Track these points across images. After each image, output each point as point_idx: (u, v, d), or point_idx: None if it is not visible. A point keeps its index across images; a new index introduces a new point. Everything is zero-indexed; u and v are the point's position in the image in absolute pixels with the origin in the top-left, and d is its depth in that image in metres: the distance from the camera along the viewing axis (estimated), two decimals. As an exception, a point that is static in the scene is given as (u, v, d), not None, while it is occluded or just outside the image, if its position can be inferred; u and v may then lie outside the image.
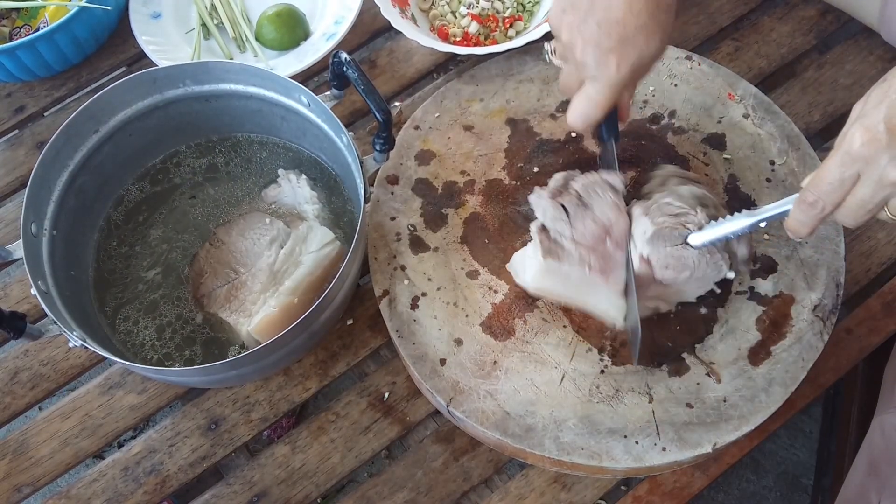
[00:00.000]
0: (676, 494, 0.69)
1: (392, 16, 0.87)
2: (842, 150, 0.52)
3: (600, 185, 0.67)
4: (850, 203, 0.54)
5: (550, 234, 0.66)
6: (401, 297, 0.72)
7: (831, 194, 0.54)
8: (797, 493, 1.32)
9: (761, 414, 0.65)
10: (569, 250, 0.65)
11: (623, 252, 0.65)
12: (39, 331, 0.64)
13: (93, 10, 0.91)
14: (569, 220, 0.66)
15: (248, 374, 0.70)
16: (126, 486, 0.72)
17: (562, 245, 0.65)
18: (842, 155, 0.52)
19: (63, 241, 0.71)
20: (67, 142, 0.71)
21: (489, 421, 0.66)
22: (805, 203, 0.55)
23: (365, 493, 0.70)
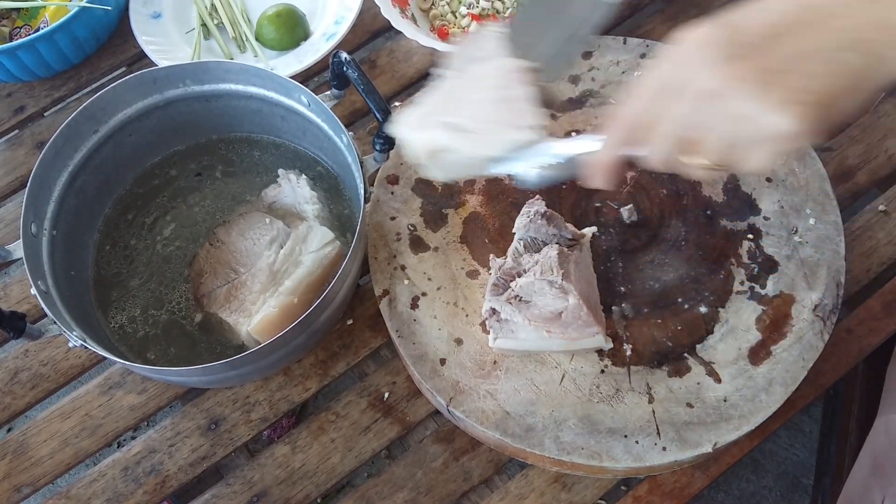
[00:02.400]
0: (676, 494, 0.69)
1: (392, 16, 0.87)
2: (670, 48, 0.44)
3: (538, 284, 0.64)
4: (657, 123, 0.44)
5: (501, 316, 0.66)
6: (401, 296, 0.72)
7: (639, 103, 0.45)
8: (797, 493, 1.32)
9: (761, 414, 0.65)
10: (522, 324, 0.65)
11: (584, 319, 0.64)
12: (39, 331, 0.64)
13: (93, 10, 0.91)
14: (517, 309, 0.65)
15: (248, 374, 0.70)
16: (126, 486, 0.72)
17: (514, 321, 0.65)
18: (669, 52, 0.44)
19: (63, 241, 0.71)
20: (67, 142, 0.71)
21: (489, 421, 0.66)
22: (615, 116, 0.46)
23: (365, 492, 0.70)
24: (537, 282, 0.64)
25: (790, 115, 0.39)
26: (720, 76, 0.41)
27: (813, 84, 0.40)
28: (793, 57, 0.40)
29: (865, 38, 0.39)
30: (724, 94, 0.41)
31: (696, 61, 0.42)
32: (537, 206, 0.68)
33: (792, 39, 0.40)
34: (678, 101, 0.42)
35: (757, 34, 0.40)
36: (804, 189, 0.75)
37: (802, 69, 0.40)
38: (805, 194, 0.74)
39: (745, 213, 0.74)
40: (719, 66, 0.41)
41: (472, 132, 0.55)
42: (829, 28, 0.40)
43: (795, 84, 0.40)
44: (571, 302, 0.63)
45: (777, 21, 0.40)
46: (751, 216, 0.74)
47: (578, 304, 0.63)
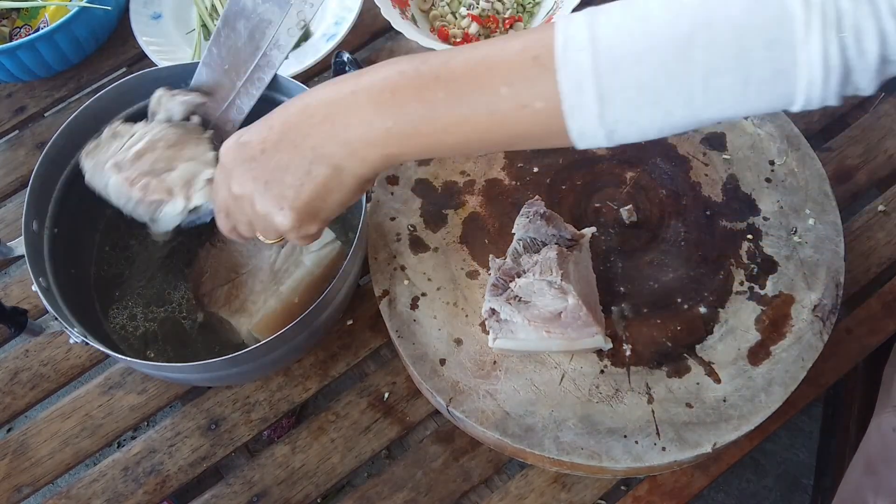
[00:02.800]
0: (676, 494, 0.69)
1: (392, 16, 0.87)
2: None
3: (537, 284, 0.64)
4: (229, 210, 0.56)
5: (501, 316, 0.66)
6: (401, 297, 0.72)
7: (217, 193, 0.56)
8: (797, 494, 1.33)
9: (761, 414, 0.65)
10: (521, 325, 0.66)
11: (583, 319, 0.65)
12: (40, 326, 0.64)
13: (93, 10, 0.91)
14: (516, 309, 0.66)
15: (248, 373, 0.70)
16: (126, 487, 0.72)
17: (514, 322, 0.66)
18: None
19: (64, 240, 0.71)
20: (68, 142, 0.71)
21: (489, 421, 0.66)
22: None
23: (365, 493, 0.70)
24: (536, 282, 0.64)
25: (283, 215, 0.51)
26: (239, 182, 0.52)
27: (290, 192, 0.50)
28: (278, 170, 0.50)
29: (328, 153, 0.49)
30: (244, 197, 0.52)
31: (227, 167, 0.53)
32: (537, 206, 0.68)
33: (277, 155, 0.50)
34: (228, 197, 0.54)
35: (256, 149, 0.51)
36: (804, 189, 0.75)
37: (284, 180, 0.50)
38: (804, 195, 0.74)
39: (745, 213, 0.74)
40: (238, 174, 0.52)
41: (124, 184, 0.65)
42: (302, 146, 0.49)
43: (281, 192, 0.50)
44: (571, 302, 0.63)
45: (270, 139, 0.51)
46: (750, 216, 0.74)
47: (578, 305, 0.63)
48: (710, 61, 0.42)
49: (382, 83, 0.48)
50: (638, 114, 0.44)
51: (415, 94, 0.47)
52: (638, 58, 0.43)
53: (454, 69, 0.47)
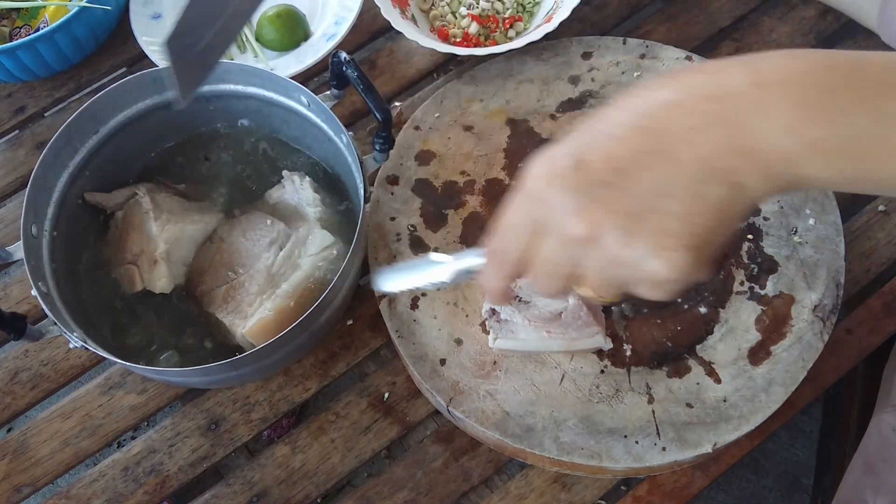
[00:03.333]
0: (676, 494, 0.69)
1: (392, 16, 0.87)
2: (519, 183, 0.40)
3: None
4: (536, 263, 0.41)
5: (501, 316, 0.66)
6: (401, 297, 0.72)
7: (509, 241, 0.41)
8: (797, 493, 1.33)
9: (761, 414, 0.65)
10: (522, 325, 0.65)
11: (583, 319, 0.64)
12: (40, 332, 0.64)
13: (93, 10, 0.91)
14: (517, 309, 0.65)
15: (249, 375, 0.70)
16: (126, 487, 0.72)
17: (514, 322, 0.65)
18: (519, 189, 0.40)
19: (64, 242, 0.71)
20: (68, 142, 0.71)
21: (489, 421, 0.66)
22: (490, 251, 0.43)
23: (365, 493, 0.70)
24: None
25: (665, 262, 0.36)
26: (584, 222, 0.37)
27: (679, 225, 0.36)
28: (649, 195, 0.36)
29: (724, 167, 0.35)
30: (594, 241, 0.37)
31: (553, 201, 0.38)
32: None
33: (643, 174, 0.36)
34: (549, 243, 0.39)
35: (605, 170, 0.37)
36: (804, 189, 0.75)
37: (664, 208, 0.36)
38: (805, 194, 0.74)
39: (745, 213, 0.74)
40: (579, 210, 0.37)
41: None
42: (684, 159, 0.36)
43: (662, 226, 0.36)
44: (571, 302, 0.63)
45: (623, 153, 0.37)
46: (750, 216, 0.74)
47: (578, 305, 0.63)
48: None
49: (804, 78, 0.35)
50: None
51: (858, 98, 0.35)
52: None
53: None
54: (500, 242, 0.42)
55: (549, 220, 0.39)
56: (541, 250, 0.40)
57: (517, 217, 0.41)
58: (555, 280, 0.41)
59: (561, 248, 0.39)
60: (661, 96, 0.37)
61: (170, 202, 0.75)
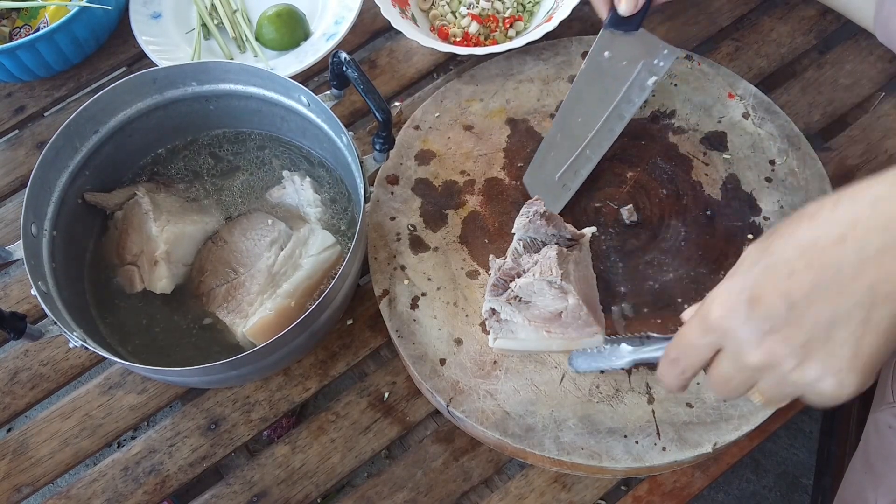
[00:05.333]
0: (676, 494, 0.69)
1: (392, 16, 0.87)
2: (700, 314, 0.44)
3: (538, 284, 0.63)
4: (713, 373, 0.46)
5: (501, 316, 0.66)
6: (401, 297, 0.72)
7: (690, 357, 0.46)
8: (797, 493, 1.32)
9: (761, 414, 0.65)
10: (522, 325, 0.66)
11: (584, 318, 0.65)
12: (40, 331, 0.64)
13: (93, 10, 0.91)
14: (517, 309, 0.65)
15: (248, 375, 0.70)
16: (126, 486, 0.72)
17: (514, 322, 0.66)
18: (699, 320, 0.44)
19: (63, 242, 0.71)
20: (67, 142, 0.71)
21: (489, 421, 0.66)
22: (668, 358, 0.48)
23: (365, 493, 0.70)
24: (536, 282, 0.64)
25: (832, 384, 0.40)
26: (762, 353, 0.41)
27: (847, 350, 0.39)
28: (820, 325, 0.39)
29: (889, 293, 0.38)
30: (770, 368, 0.41)
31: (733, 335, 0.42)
32: (536, 206, 0.68)
33: (814, 307, 0.39)
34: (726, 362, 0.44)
35: (778, 306, 0.40)
36: (804, 189, 0.75)
37: (835, 337, 0.39)
38: (805, 194, 0.74)
39: (746, 213, 0.74)
40: (757, 344, 0.41)
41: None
42: (850, 289, 0.38)
43: (832, 353, 0.39)
44: (571, 302, 0.63)
45: (792, 289, 0.40)
46: (751, 216, 0.74)
47: (578, 305, 0.63)
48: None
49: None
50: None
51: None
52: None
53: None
54: (682, 356, 0.47)
55: (727, 347, 0.43)
56: (719, 365, 0.45)
57: (700, 342, 0.45)
58: (729, 390, 0.45)
59: (738, 370, 0.43)
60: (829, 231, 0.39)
61: (170, 202, 0.75)
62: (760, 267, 0.41)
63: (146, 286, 0.72)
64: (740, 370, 0.43)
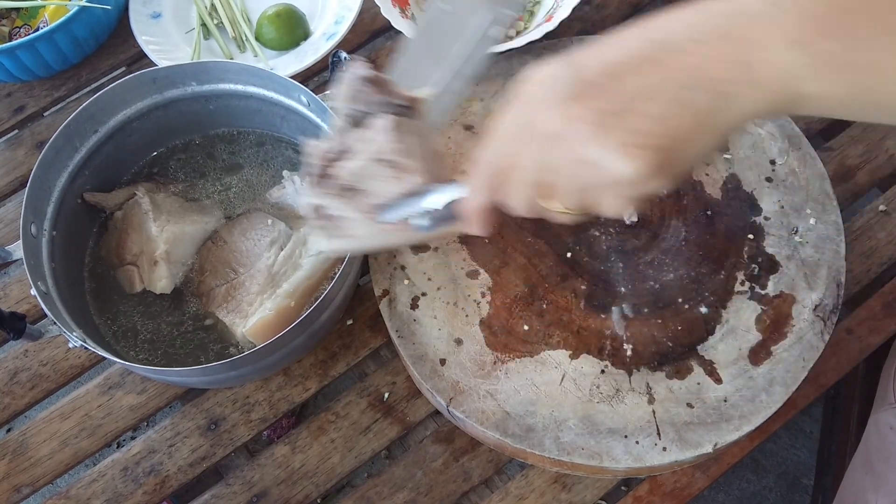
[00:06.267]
0: (677, 495, 0.69)
1: (392, 16, 0.87)
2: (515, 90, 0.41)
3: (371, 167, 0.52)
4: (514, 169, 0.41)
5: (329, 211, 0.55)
6: (401, 297, 0.72)
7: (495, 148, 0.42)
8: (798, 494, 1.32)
9: (762, 414, 0.64)
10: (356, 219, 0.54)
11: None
12: (39, 331, 0.64)
13: (92, 9, 0.90)
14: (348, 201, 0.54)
15: (248, 375, 0.70)
16: (126, 487, 0.72)
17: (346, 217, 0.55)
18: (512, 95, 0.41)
19: (63, 242, 0.71)
20: (67, 142, 0.71)
21: (489, 421, 0.66)
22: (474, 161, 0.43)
23: (365, 493, 0.70)
24: (370, 164, 0.52)
25: (630, 159, 0.36)
26: (560, 117, 0.37)
27: (653, 125, 0.36)
28: (633, 96, 0.36)
29: (713, 77, 0.36)
30: (566, 137, 0.38)
31: (539, 102, 0.39)
32: (358, 69, 0.54)
33: (634, 78, 0.37)
34: (527, 145, 0.40)
35: (598, 72, 0.37)
36: (804, 189, 0.75)
37: (642, 109, 0.36)
38: (805, 194, 0.74)
39: (746, 212, 0.74)
40: (559, 106, 0.38)
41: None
42: (675, 66, 0.36)
43: (635, 125, 0.36)
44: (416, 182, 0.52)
45: (620, 58, 0.37)
46: (751, 216, 0.74)
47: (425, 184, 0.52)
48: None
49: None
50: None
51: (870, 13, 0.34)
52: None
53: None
54: (482, 151, 0.43)
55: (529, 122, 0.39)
56: (518, 156, 0.40)
57: (503, 122, 0.41)
58: (525, 188, 0.41)
59: (536, 149, 0.39)
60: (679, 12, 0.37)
61: (169, 202, 0.75)
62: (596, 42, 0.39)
63: (146, 286, 0.72)
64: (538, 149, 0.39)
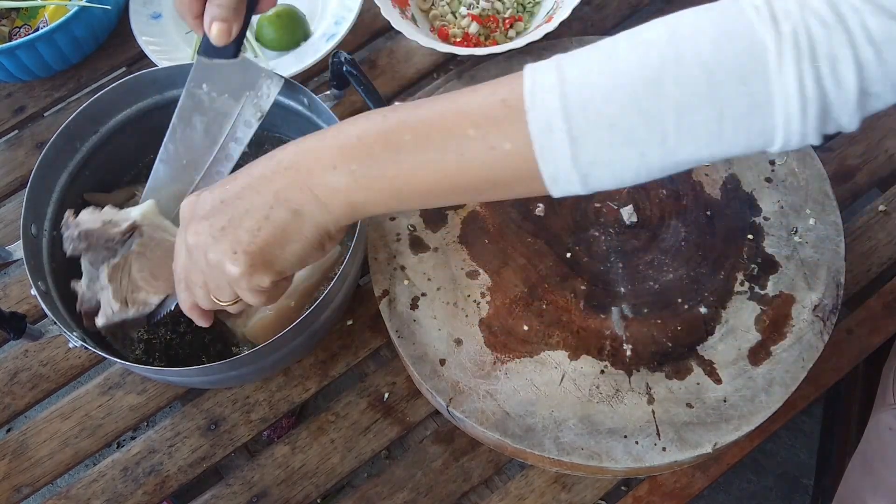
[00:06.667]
0: (677, 495, 0.69)
1: (392, 16, 0.87)
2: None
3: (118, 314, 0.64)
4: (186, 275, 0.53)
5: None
6: (401, 297, 0.72)
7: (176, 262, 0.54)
8: (797, 494, 1.32)
9: (761, 414, 0.64)
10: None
11: None
12: (39, 331, 0.64)
13: (92, 10, 0.90)
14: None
15: (248, 375, 0.70)
16: (126, 487, 0.72)
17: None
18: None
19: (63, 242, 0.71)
20: (67, 142, 0.71)
21: (489, 421, 0.66)
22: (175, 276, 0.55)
23: (365, 493, 0.70)
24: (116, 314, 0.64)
25: (233, 262, 0.48)
26: (192, 233, 0.50)
27: (247, 236, 0.48)
28: (236, 216, 0.48)
29: (289, 198, 0.48)
30: (197, 248, 0.50)
31: (186, 221, 0.51)
32: (71, 228, 0.63)
33: (237, 202, 0.49)
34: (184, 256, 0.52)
35: (215, 200, 0.50)
36: (804, 189, 0.75)
37: (242, 225, 0.48)
38: (805, 194, 0.74)
39: (746, 213, 0.74)
40: (193, 225, 0.50)
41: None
42: (264, 191, 0.48)
43: (236, 237, 0.48)
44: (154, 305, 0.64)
45: (231, 189, 0.49)
46: (751, 216, 0.74)
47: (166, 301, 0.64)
48: (681, 97, 0.41)
49: (349, 131, 0.48)
50: (612, 154, 0.43)
51: (381, 138, 0.46)
52: (607, 95, 0.42)
53: (421, 116, 0.47)
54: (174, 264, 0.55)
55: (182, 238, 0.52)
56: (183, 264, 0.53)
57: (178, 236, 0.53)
58: (197, 288, 0.53)
59: (187, 259, 0.52)
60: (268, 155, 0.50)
61: None
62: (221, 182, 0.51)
63: None
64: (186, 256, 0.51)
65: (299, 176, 0.48)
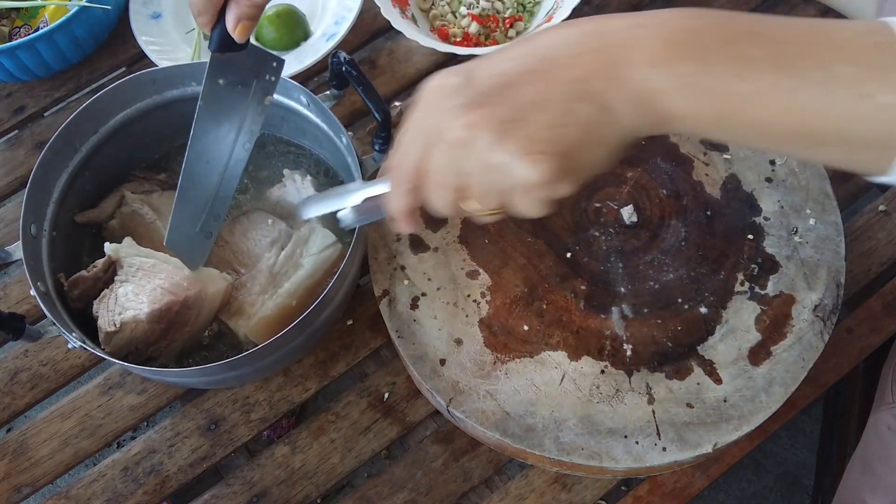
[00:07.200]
0: (677, 495, 0.69)
1: (392, 16, 0.87)
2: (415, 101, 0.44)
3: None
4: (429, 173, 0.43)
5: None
6: (401, 297, 0.72)
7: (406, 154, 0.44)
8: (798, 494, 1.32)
9: (762, 414, 0.64)
10: None
11: None
12: (39, 332, 0.64)
13: (92, 9, 0.91)
14: None
15: (248, 375, 0.70)
16: (126, 487, 0.72)
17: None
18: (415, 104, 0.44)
19: (63, 243, 0.71)
20: (67, 142, 0.71)
21: (489, 421, 0.66)
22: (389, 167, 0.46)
23: (365, 493, 0.70)
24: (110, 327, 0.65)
25: (532, 165, 0.39)
26: (463, 125, 0.40)
27: (546, 134, 0.39)
28: (525, 106, 0.39)
29: (593, 90, 0.39)
30: (471, 143, 0.40)
31: (440, 110, 0.41)
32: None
33: (525, 88, 0.40)
34: (437, 150, 0.42)
35: (490, 83, 0.40)
36: (804, 189, 0.75)
37: (534, 119, 0.39)
38: (805, 194, 0.74)
39: (746, 213, 0.74)
40: (461, 114, 0.40)
41: None
42: (559, 79, 0.39)
43: (529, 133, 0.39)
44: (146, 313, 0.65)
45: (509, 70, 0.40)
46: (751, 216, 0.74)
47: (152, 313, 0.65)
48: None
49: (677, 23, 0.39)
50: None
51: (724, 43, 0.38)
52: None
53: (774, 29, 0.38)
54: (398, 156, 0.45)
55: (436, 129, 0.42)
56: (431, 160, 0.43)
57: (412, 129, 0.44)
58: (444, 191, 0.43)
59: (446, 154, 0.42)
60: (556, 31, 0.41)
61: (166, 202, 0.75)
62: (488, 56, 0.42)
63: None
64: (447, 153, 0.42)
65: (610, 64, 0.39)
